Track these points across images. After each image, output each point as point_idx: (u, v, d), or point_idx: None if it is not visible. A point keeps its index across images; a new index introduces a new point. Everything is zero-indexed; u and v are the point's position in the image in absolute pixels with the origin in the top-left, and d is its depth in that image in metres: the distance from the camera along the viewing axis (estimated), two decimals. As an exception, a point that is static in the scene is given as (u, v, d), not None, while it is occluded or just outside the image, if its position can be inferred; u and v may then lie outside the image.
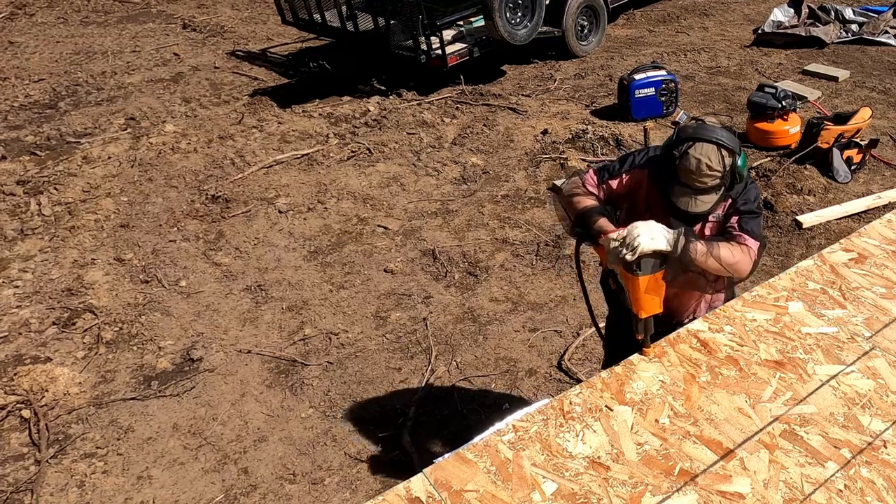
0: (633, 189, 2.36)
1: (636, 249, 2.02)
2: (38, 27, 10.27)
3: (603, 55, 8.17)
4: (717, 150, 2.09)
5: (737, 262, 2.15)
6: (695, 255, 2.08)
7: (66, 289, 4.73)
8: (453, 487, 1.80)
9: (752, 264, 2.20)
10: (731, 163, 2.11)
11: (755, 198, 2.27)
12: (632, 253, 2.03)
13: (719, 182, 2.12)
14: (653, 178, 2.29)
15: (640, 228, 2.05)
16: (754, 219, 2.23)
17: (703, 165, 2.08)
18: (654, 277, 2.10)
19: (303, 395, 3.85)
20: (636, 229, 2.05)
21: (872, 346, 2.17)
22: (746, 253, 2.17)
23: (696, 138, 2.10)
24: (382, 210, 5.49)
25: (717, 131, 2.11)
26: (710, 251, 2.11)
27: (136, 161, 6.31)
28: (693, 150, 2.09)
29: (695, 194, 2.14)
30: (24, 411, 3.81)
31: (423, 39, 6.95)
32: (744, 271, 2.19)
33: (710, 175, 2.09)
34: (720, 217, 2.28)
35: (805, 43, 7.80)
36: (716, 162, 2.08)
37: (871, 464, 1.81)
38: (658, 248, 2.04)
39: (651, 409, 2.01)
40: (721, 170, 2.09)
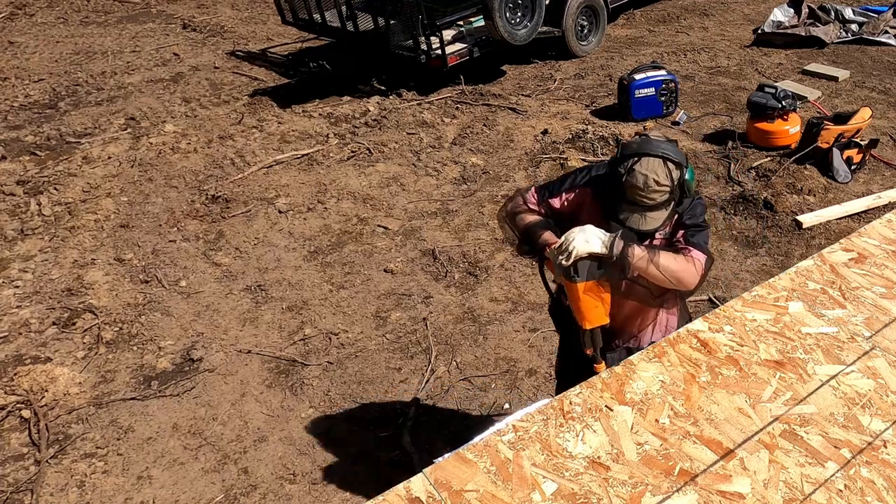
0: (575, 209, 2.30)
1: (571, 253, 1.99)
2: (38, 27, 10.28)
3: (603, 55, 8.17)
4: (664, 165, 2.04)
5: (680, 271, 2.08)
6: (632, 258, 2.01)
7: (66, 289, 4.74)
8: (453, 487, 1.80)
9: (699, 277, 2.12)
10: (678, 177, 2.06)
11: (701, 213, 2.22)
12: (567, 257, 1.99)
13: (668, 197, 2.06)
14: (596, 196, 2.22)
15: (574, 233, 2.02)
16: (700, 232, 2.17)
17: (650, 181, 2.02)
18: (593, 283, 2.04)
19: (303, 395, 3.85)
20: (571, 234, 2.02)
21: (872, 346, 2.17)
22: (691, 263, 2.09)
23: (642, 153, 2.05)
24: (382, 210, 5.49)
25: (662, 145, 2.07)
26: (650, 257, 2.04)
27: (136, 161, 6.31)
28: (639, 165, 2.04)
29: (644, 211, 2.08)
30: (24, 411, 3.81)
31: (423, 39, 6.95)
32: (689, 283, 2.11)
33: (658, 190, 2.04)
34: (667, 234, 2.22)
35: (805, 43, 7.81)
36: (663, 177, 2.03)
37: (872, 464, 1.81)
38: (593, 250, 1.99)
39: (651, 409, 2.01)
40: (669, 184, 2.04)
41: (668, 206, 2.09)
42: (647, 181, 2.02)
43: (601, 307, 2.08)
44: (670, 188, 2.04)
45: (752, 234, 4.89)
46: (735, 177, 5.48)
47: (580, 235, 2.00)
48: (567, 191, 2.29)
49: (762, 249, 4.74)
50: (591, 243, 1.99)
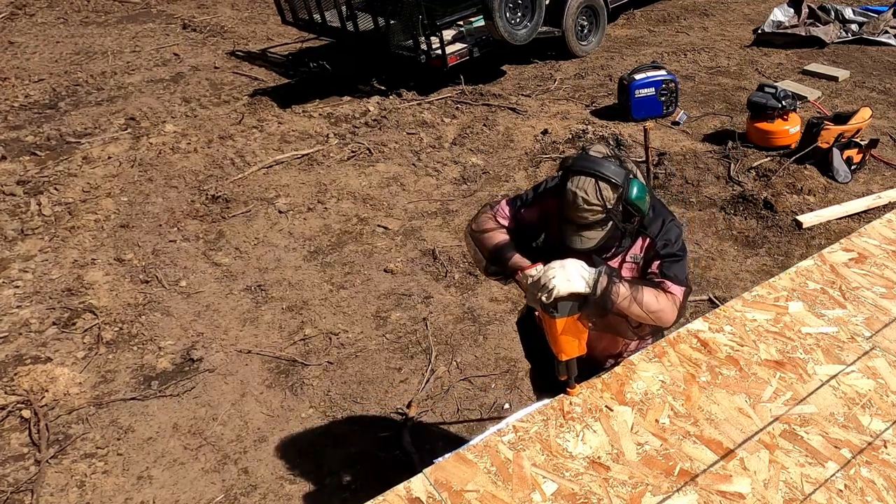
0: (545, 218, 2.21)
1: (551, 292, 1.89)
2: (38, 27, 10.28)
3: (603, 55, 8.17)
4: (595, 183, 1.91)
5: (661, 310, 1.98)
6: (616, 298, 1.91)
7: (66, 289, 4.74)
8: (453, 487, 1.80)
9: (677, 312, 2.03)
10: (614, 196, 1.93)
11: (676, 238, 2.08)
12: (547, 295, 1.90)
13: (603, 216, 1.94)
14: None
15: (555, 269, 1.91)
16: (677, 262, 2.05)
17: (579, 199, 1.92)
18: (572, 319, 1.97)
19: (303, 395, 3.85)
20: (552, 270, 1.92)
21: (872, 346, 2.17)
22: (671, 300, 2.00)
23: (574, 171, 1.95)
24: (382, 210, 5.49)
25: (597, 162, 1.94)
26: (633, 295, 1.93)
27: (136, 161, 6.31)
28: (570, 183, 1.94)
29: (578, 230, 1.97)
30: (24, 411, 3.81)
31: (423, 39, 6.95)
32: (668, 320, 2.01)
33: (588, 210, 1.92)
34: (638, 258, 2.12)
35: (805, 43, 7.81)
36: (593, 195, 1.91)
37: (872, 464, 1.81)
38: (575, 290, 1.89)
39: (651, 409, 2.01)
40: (599, 203, 1.91)
41: (604, 226, 1.96)
42: (577, 199, 1.92)
43: (578, 340, 2.02)
44: (602, 207, 1.92)
45: (752, 234, 4.89)
46: (735, 177, 5.48)
47: (561, 273, 1.90)
48: (538, 200, 2.21)
49: (762, 249, 4.74)
50: (572, 282, 1.89)
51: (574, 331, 1.99)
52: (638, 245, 2.11)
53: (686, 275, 2.08)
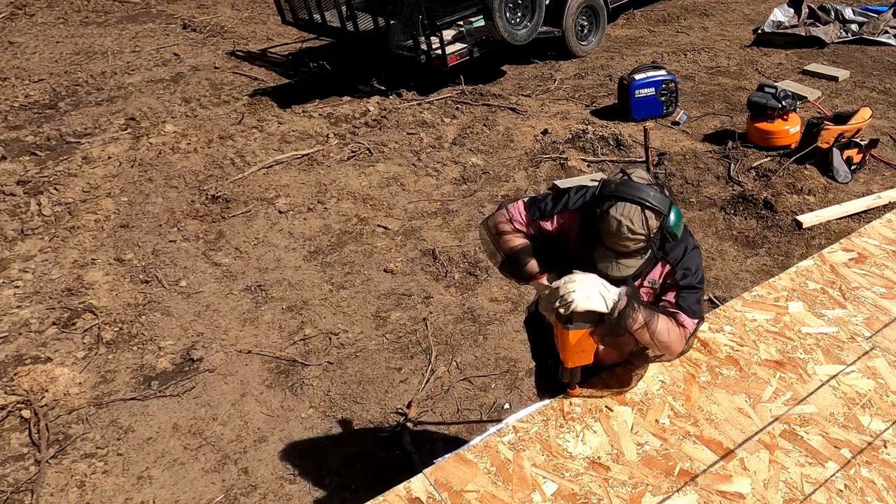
0: (564, 232, 2.14)
1: (569, 306, 1.88)
2: (38, 27, 10.28)
3: (603, 55, 8.17)
4: (641, 212, 1.85)
5: (670, 343, 1.95)
6: (632, 323, 1.89)
7: (66, 289, 4.74)
8: (453, 488, 1.80)
9: (685, 344, 2.00)
10: (657, 225, 1.88)
11: (696, 268, 2.05)
12: (564, 308, 1.89)
13: (644, 245, 1.89)
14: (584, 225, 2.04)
15: (577, 283, 1.89)
16: (693, 294, 2.02)
17: (623, 228, 1.84)
18: (584, 333, 1.97)
19: (303, 395, 3.85)
20: (572, 283, 1.90)
21: (872, 346, 2.17)
22: (681, 334, 1.97)
23: (618, 197, 1.86)
24: (382, 210, 5.49)
25: (642, 190, 1.86)
26: (647, 322, 1.90)
27: (136, 161, 6.31)
28: (614, 210, 1.85)
29: (616, 258, 1.91)
30: (24, 411, 3.81)
31: (423, 39, 6.95)
32: (674, 351, 1.99)
33: (631, 239, 1.86)
34: (656, 284, 2.07)
35: (805, 43, 7.81)
36: (638, 224, 1.84)
37: (872, 464, 1.81)
38: (594, 308, 1.89)
39: (651, 409, 2.01)
40: (644, 233, 1.86)
41: (644, 254, 1.92)
42: (621, 228, 1.85)
43: (587, 352, 2.02)
44: (646, 237, 1.87)
45: (752, 234, 4.89)
46: (735, 177, 5.48)
47: (581, 289, 1.88)
48: (559, 213, 2.14)
49: (762, 249, 4.74)
50: (591, 299, 1.88)
51: (584, 343, 1.98)
52: (657, 270, 2.06)
53: (700, 307, 2.04)
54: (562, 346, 2.00)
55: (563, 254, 2.12)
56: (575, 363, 2.02)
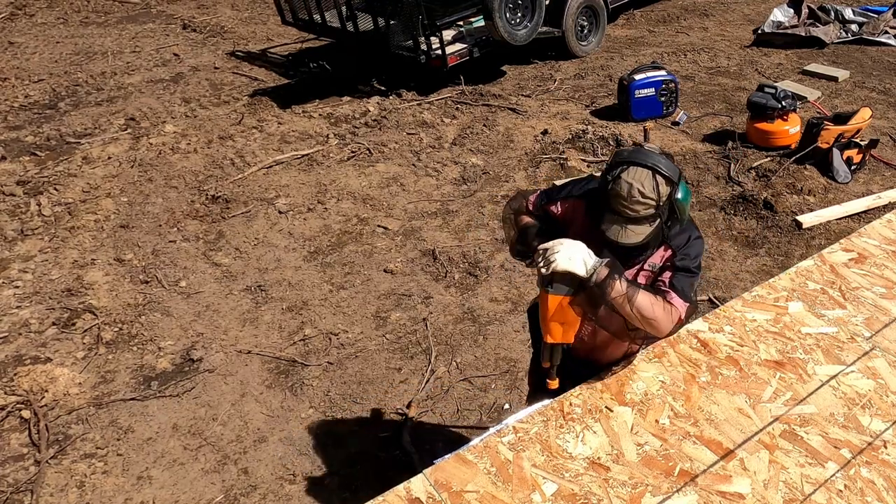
0: (568, 218, 2.22)
1: (550, 264, 1.92)
2: (38, 27, 10.28)
3: (603, 55, 8.17)
4: (652, 177, 1.90)
5: (656, 319, 1.96)
6: (610, 291, 1.91)
7: (66, 289, 4.73)
8: (453, 488, 1.80)
9: (674, 325, 2.01)
10: (667, 192, 1.92)
11: (696, 255, 2.08)
12: (546, 266, 1.93)
13: (653, 212, 1.92)
14: (588, 209, 2.11)
15: (563, 245, 1.94)
16: (688, 277, 2.05)
17: (634, 191, 1.89)
18: (565, 302, 1.98)
19: (303, 395, 3.85)
20: (559, 245, 1.95)
21: (872, 346, 2.17)
22: (669, 312, 1.98)
23: (631, 162, 1.92)
24: (382, 210, 5.49)
25: (654, 157, 1.93)
26: (628, 294, 1.92)
27: (136, 161, 6.31)
28: (626, 174, 1.91)
29: (625, 223, 1.93)
30: (24, 412, 3.81)
31: (423, 39, 6.95)
32: (662, 330, 2.00)
33: (642, 202, 1.89)
34: (656, 267, 2.10)
35: (805, 43, 7.81)
36: (649, 188, 1.89)
37: (871, 464, 1.81)
38: (572, 269, 1.91)
39: (651, 409, 2.01)
40: (654, 198, 1.90)
41: (652, 222, 1.94)
42: (632, 190, 1.89)
43: (567, 326, 2.03)
44: (656, 202, 1.91)
45: (752, 235, 4.89)
46: (735, 177, 5.48)
47: (564, 251, 1.93)
48: (564, 199, 2.23)
49: (762, 249, 4.74)
50: (573, 261, 1.92)
51: (565, 314, 2.00)
52: (658, 255, 2.10)
53: (693, 292, 2.07)
54: (542, 315, 2.03)
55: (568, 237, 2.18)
56: (554, 337, 2.03)
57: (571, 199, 2.21)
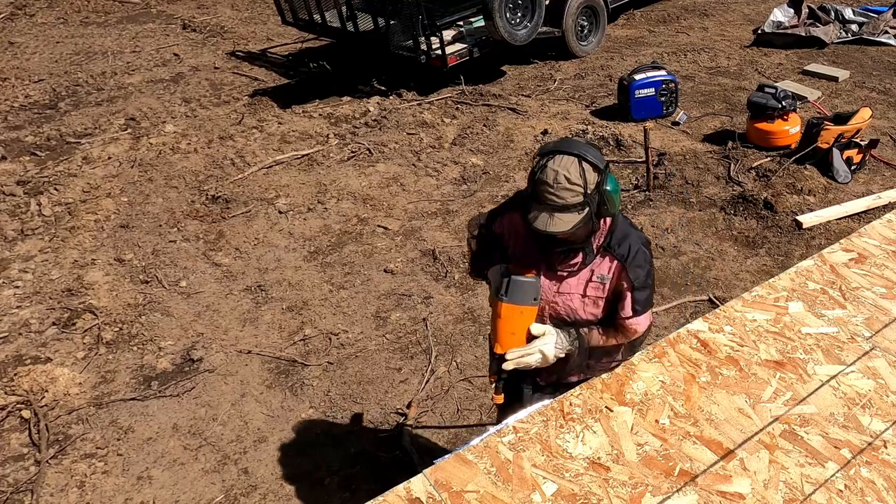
0: (508, 233, 2.23)
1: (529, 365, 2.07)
2: (38, 27, 10.28)
3: (603, 55, 8.17)
4: (579, 164, 1.89)
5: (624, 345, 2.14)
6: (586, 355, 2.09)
7: (66, 289, 4.73)
8: (453, 488, 1.80)
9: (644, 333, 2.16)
10: (595, 180, 1.91)
11: (645, 263, 2.08)
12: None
13: (581, 200, 1.89)
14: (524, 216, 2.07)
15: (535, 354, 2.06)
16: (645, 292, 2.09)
17: (561, 177, 1.87)
18: (518, 310, 2.00)
19: (303, 395, 3.85)
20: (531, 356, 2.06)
21: (872, 346, 2.17)
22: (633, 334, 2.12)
23: (557, 151, 1.92)
24: (382, 210, 5.49)
25: (580, 145, 1.94)
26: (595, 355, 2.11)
27: (136, 161, 6.31)
28: (552, 162, 1.90)
29: (552, 211, 1.90)
30: (24, 412, 3.81)
31: (423, 39, 6.95)
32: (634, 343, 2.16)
33: (569, 189, 1.87)
34: (605, 279, 2.11)
35: (805, 43, 7.81)
36: (575, 175, 1.88)
37: (872, 464, 1.81)
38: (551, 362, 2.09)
39: (651, 409, 2.01)
40: (581, 184, 1.88)
41: (581, 211, 1.91)
42: (558, 177, 1.87)
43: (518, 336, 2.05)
44: (583, 189, 1.89)
45: (752, 235, 4.89)
46: (735, 177, 5.48)
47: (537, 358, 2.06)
48: (502, 216, 2.24)
49: (762, 249, 4.74)
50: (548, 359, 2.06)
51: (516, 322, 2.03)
52: (605, 265, 2.10)
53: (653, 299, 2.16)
54: (494, 324, 2.07)
55: (510, 254, 2.23)
56: (505, 346, 2.05)
57: (509, 214, 2.21)
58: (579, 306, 2.14)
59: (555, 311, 2.17)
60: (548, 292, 2.14)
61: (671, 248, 4.80)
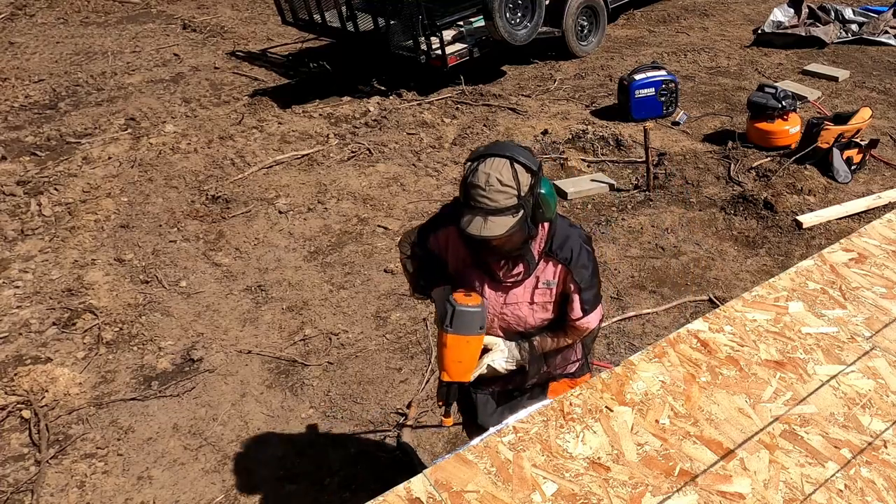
0: (445, 247, 2.19)
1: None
2: (38, 27, 10.28)
3: (603, 55, 8.17)
4: (510, 165, 1.84)
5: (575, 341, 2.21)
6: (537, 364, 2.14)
7: (67, 289, 4.73)
8: (454, 488, 1.80)
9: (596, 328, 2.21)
10: (528, 182, 1.86)
11: (589, 261, 2.08)
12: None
13: (515, 202, 1.84)
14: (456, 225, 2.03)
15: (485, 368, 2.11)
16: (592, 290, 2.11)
17: (493, 179, 1.82)
18: (464, 340, 1.99)
19: (303, 395, 3.85)
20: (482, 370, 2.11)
21: (872, 346, 2.17)
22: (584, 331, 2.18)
23: (488, 154, 1.88)
24: (382, 210, 5.49)
25: (511, 147, 1.89)
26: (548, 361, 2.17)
27: (136, 161, 6.31)
28: (483, 165, 1.85)
29: (486, 215, 1.83)
30: (24, 412, 3.81)
31: (423, 39, 6.95)
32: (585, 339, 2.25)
33: (501, 191, 1.82)
34: (552, 283, 2.09)
35: (805, 43, 7.81)
36: (508, 177, 1.83)
37: (872, 464, 1.81)
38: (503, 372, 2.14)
39: (651, 409, 2.01)
40: (514, 186, 1.83)
41: (515, 214, 1.85)
42: (489, 179, 1.82)
43: (465, 365, 2.04)
44: (517, 192, 1.84)
45: (752, 235, 4.89)
46: (735, 177, 5.48)
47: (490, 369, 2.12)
48: (436, 231, 2.20)
49: (762, 249, 4.74)
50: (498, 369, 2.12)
51: (462, 352, 2.02)
52: (550, 270, 2.09)
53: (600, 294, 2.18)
54: (440, 353, 2.05)
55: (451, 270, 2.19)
56: (451, 376, 2.05)
57: (444, 229, 2.17)
58: (528, 314, 2.13)
59: (504, 322, 2.16)
60: (495, 304, 2.11)
61: (671, 248, 4.80)
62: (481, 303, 2.02)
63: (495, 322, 2.16)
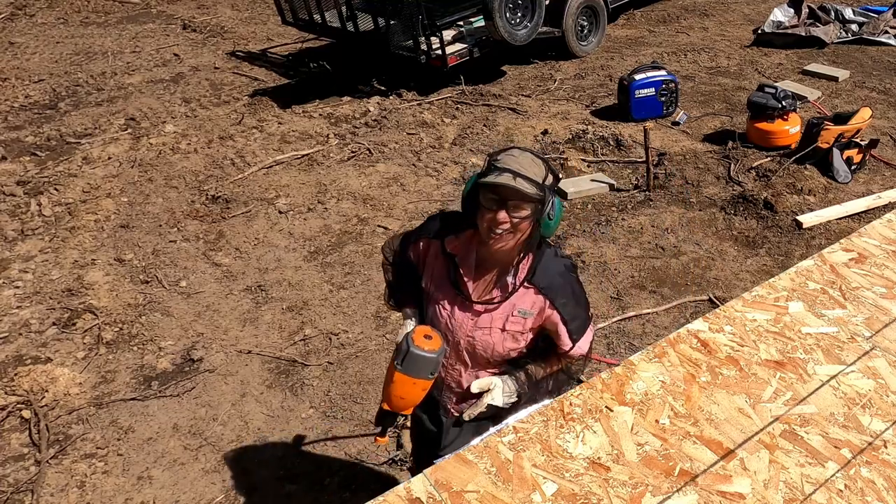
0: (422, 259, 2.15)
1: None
2: (38, 27, 10.28)
3: (603, 55, 8.17)
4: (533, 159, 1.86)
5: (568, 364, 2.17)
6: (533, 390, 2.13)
7: (67, 289, 4.74)
8: (454, 488, 1.80)
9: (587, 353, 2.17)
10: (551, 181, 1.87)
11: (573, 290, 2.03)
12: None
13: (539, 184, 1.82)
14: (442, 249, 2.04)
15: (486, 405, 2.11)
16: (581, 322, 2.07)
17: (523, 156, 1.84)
18: (411, 381, 1.97)
19: (303, 395, 3.85)
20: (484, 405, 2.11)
21: (872, 346, 2.17)
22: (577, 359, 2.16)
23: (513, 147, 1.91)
24: (382, 210, 5.49)
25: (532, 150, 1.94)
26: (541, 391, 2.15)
27: (136, 161, 6.31)
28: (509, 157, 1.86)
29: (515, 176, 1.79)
30: (24, 412, 3.81)
31: (423, 39, 6.95)
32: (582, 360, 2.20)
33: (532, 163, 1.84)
34: (527, 314, 2.02)
35: (805, 43, 7.81)
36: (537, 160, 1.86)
37: (872, 464, 1.81)
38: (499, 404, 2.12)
39: (651, 409, 2.01)
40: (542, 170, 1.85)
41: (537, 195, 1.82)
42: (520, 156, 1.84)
43: (408, 401, 2.04)
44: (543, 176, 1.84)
45: (752, 235, 4.89)
46: (735, 177, 5.48)
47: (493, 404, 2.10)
48: (416, 241, 2.16)
49: (762, 249, 4.74)
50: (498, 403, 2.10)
51: (408, 390, 2.01)
52: (528, 299, 2.01)
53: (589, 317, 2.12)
54: (386, 385, 2.04)
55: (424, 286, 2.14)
56: (392, 407, 2.05)
57: (425, 241, 2.12)
58: (497, 341, 2.06)
59: (471, 347, 2.09)
60: (465, 326, 2.06)
61: (671, 248, 4.80)
62: (440, 347, 1.96)
63: (461, 345, 2.09)
